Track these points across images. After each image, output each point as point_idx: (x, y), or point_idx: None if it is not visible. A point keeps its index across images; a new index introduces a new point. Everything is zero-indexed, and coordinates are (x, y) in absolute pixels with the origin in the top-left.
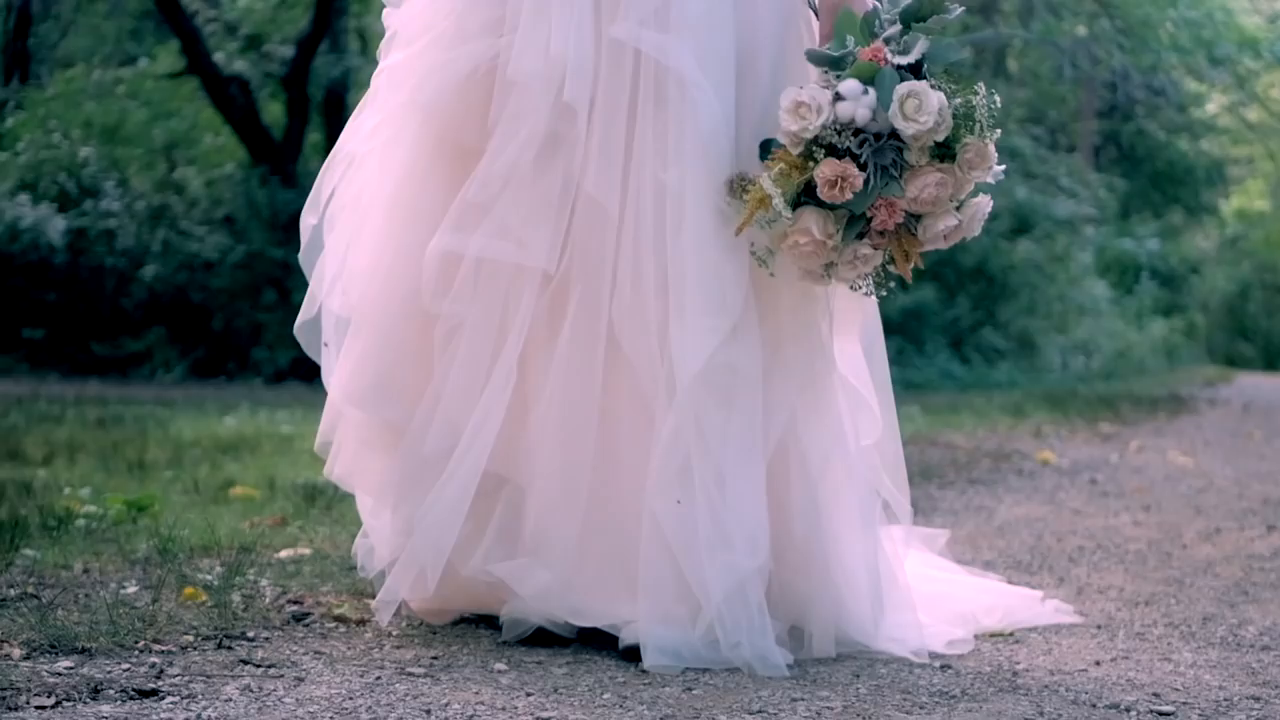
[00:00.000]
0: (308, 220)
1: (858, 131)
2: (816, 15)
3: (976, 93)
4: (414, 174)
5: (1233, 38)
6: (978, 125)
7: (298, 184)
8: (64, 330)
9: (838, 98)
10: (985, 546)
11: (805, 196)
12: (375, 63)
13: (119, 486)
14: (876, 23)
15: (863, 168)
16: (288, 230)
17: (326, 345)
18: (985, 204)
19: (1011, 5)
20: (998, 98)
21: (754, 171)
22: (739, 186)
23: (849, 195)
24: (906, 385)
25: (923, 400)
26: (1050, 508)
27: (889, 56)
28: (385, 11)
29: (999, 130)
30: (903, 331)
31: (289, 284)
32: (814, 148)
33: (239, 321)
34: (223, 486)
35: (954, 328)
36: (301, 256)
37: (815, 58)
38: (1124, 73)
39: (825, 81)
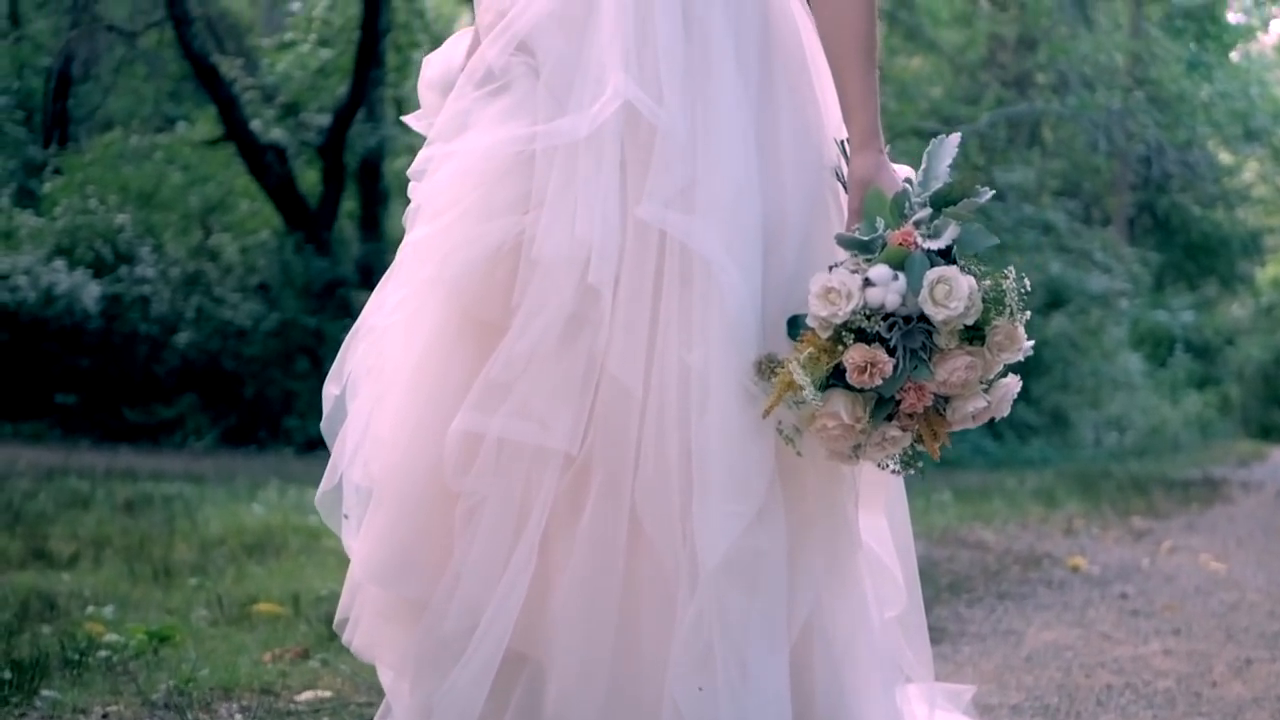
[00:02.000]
0: (330, 390)
1: (887, 316)
2: (845, 189)
3: (1006, 276)
4: (437, 348)
5: (1268, 109)
6: (1008, 309)
7: (332, 252)
8: (96, 396)
9: (867, 283)
10: (1013, 685)
11: (833, 378)
12: (410, 131)
13: (143, 598)
14: (906, 204)
15: (891, 352)
16: (321, 298)
17: (347, 517)
18: (1014, 385)
19: (1046, 78)
20: (1027, 280)
21: (781, 352)
22: (767, 368)
23: (878, 381)
24: (939, 463)
25: (954, 481)
26: (1079, 631)
27: (919, 240)
28: (411, 185)
29: (1029, 312)
30: None
31: (321, 352)
32: (843, 332)
33: (271, 390)
34: (246, 603)
35: None
36: (324, 426)
37: (845, 242)
38: (1158, 147)
39: (855, 265)
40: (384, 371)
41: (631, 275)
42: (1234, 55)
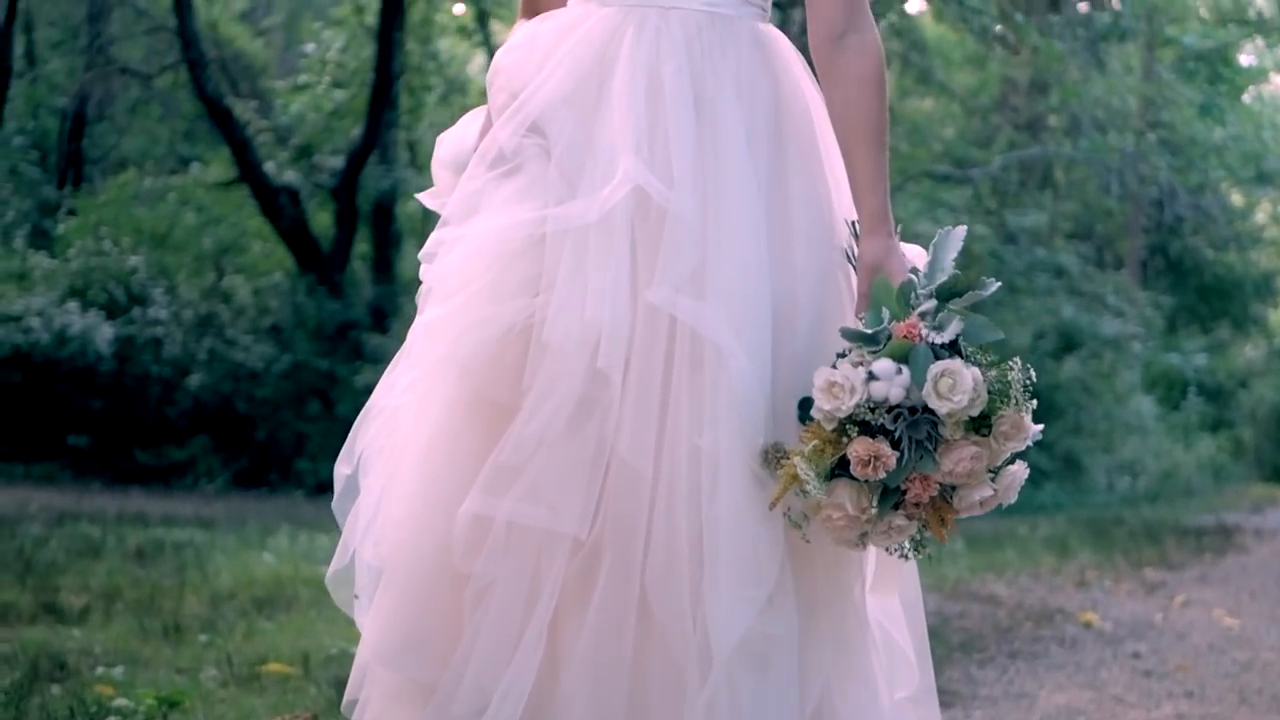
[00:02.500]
0: (341, 470)
1: (892, 408)
2: (855, 269)
3: (1012, 368)
4: (448, 429)
5: None
6: (1013, 400)
7: (344, 295)
8: (108, 438)
9: (871, 377)
10: None
11: (838, 469)
12: (423, 174)
13: (153, 656)
14: (913, 295)
15: (896, 444)
16: (333, 341)
17: (357, 598)
18: (1021, 472)
19: (1059, 121)
20: (1032, 371)
21: (791, 433)
22: (773, 458)
23: (882, 474)
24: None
25: (966, 527)
26: (1092, 694)
27: (924, 333)
28: (423, 267)
29: (1035, 401)
30: None
31: (333, 395)
32: (847, 425)
33: (282, 432)
34: (256, 662)
35: None
36: (335, 505)
37: (850, 335)
38: (1171, 190)
39: (859, 358)
40: (395, 451)
41: (642, 359)
42: (1246, 97)
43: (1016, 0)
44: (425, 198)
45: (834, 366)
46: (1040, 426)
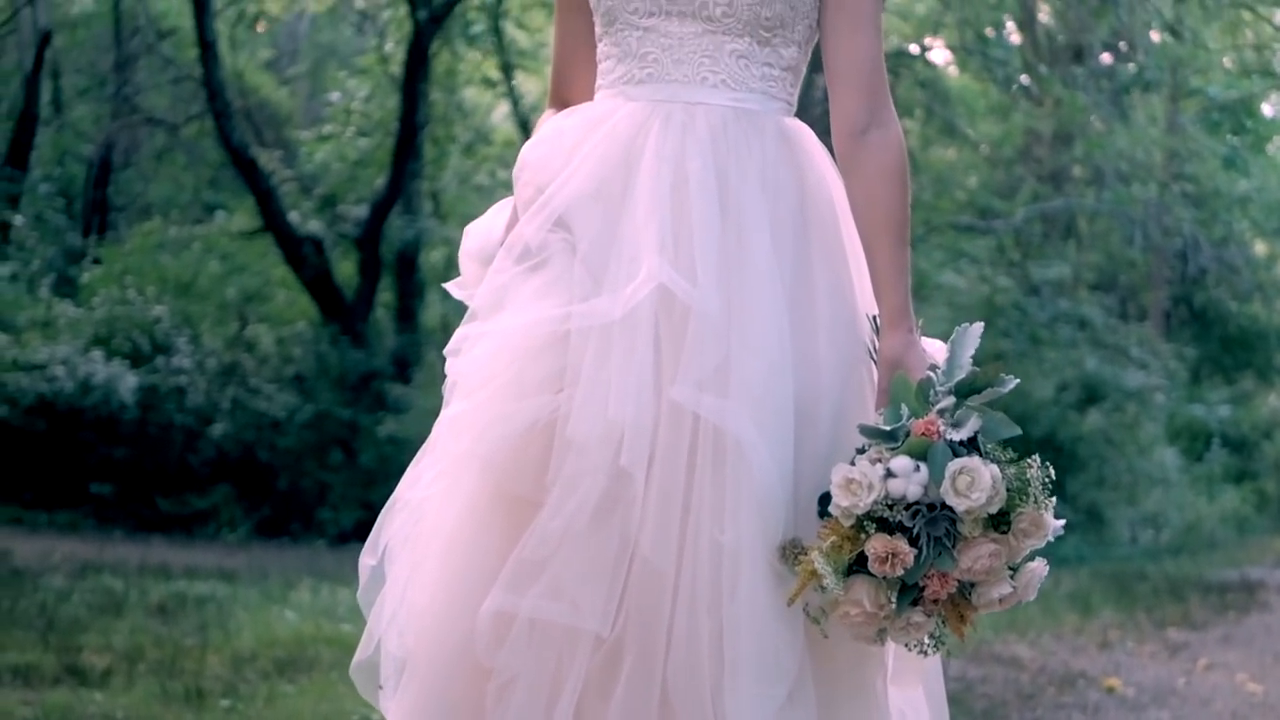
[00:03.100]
0: (366, 561)
1: (910, 505)
2: (876, 364)
3: (1031, 465)
4: (471, 523)
5: None
6: (1032, 498)
7: (367, 344)
8: (131, 486)
9: (889, 474)
10: None
11: (856, 565)
12: (447, 224)
13: None
14: (931, 392)
15: (914, 540)
16: (356, 390)
17: (381, 688)
18: (1041, 569)
19: (1083, 172)
20: (1051, 469)
21: (811, 532)
22: (791, 554)
23: (900, 571)
24: None
25: None
26: None
27: (942, 430)
28: (449, 362)
29: (1054, 498)
30: None
31: (355, 445)
32: (865, 521)
33: (305, 481)
34: None
35: None
36: (360, 595)
37: (868, 432)
38: (1194, 242)
39: (878, 454)
40: (420, 543)
41: (665, 455)
42: (1270, 149)
43: (1040, 52)
44: (453, 288)
45: (853, 463)
46: (1062, 522)
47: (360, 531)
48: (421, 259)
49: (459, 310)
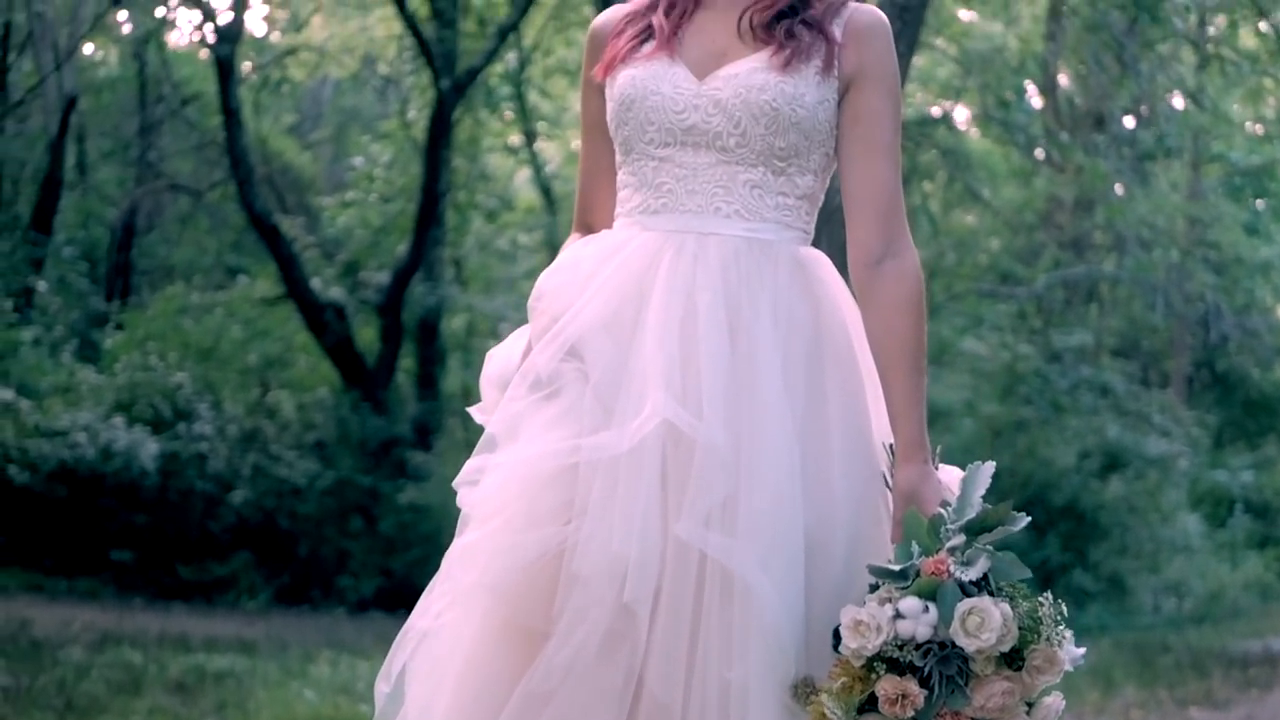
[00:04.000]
0: (380, 688)
1: (920, 645)
2: (892, 493)
3: (1042, 603)
4: (480, 654)
5: None
6: (1045, 636)
7: (388, 411)
8: (152, 553)
9: (898, 615)
10: None
11: (868, 705)
12: (468, 291)
13: None
14: (943, 529)
15: (926, 680)
16: (376, 457)
17: None
18: (1057, 704)
19: (1104, 239)
20: (1064, 606)
21: (825, 665)
22: (803, 693)
23: (910, 712)
24: None
25: None
26: None
27: (952, 570)
28: (461, 492)
29: (1069, 632)
30: None
31: (375, 512)
32: (875, 662)
33: (325, 549)
34: None
35: (1043, 569)
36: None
37: (877, 572)
38: (1216, 309)
39: (888, 594)
40: (432, 673)
41: (672, 590)
42: None
43: (1062, 118)
44: (475, 412)
45: (864, 601)
46: (1082, 651)
47: (380, 599)
48: (443, 325)
49: (480, 377)
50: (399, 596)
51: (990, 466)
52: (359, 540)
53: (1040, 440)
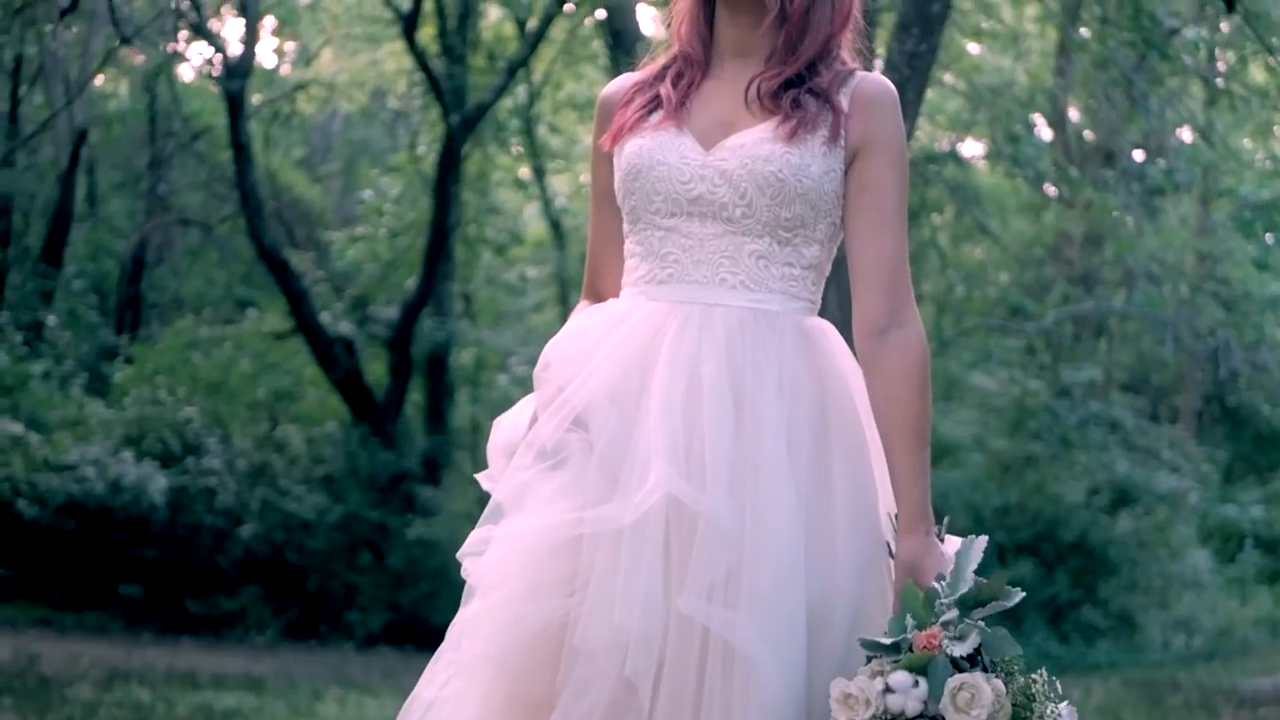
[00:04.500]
0: None
1: (910, 719)
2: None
3: (1036, 680)
4: None
5: None
6: (1038, 714)
7: (397, 445)
8: (160, 587)
9: (888, 689)
10: None
11: None
12: (478, 326)
13: None
14: (937, 603)
15: None
16: (385, 492)
17: None
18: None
19: (1112, 274)
20: (1058, 683)
21: None
22: None
23: None
24: None
25: None
26: None
27: (944, 644)
28: (466, 563)
29: (1064, 708)
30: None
31: (384, 546)
32: None
33: (333, 583)
34: None
35: (1052, 605)
36: None
37: (869, 645)
38: (1225, 345)
39: (879, 667)
40: None
41: (674, 664)
42: None
43: (1071, 154)
44: (483, 480)
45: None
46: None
47: (388, 634)
48: (452, 360)
49: (490, 411)
50: (407, 632)
51: (983, 541)
52: (367, 575)
53: (1049, 476)
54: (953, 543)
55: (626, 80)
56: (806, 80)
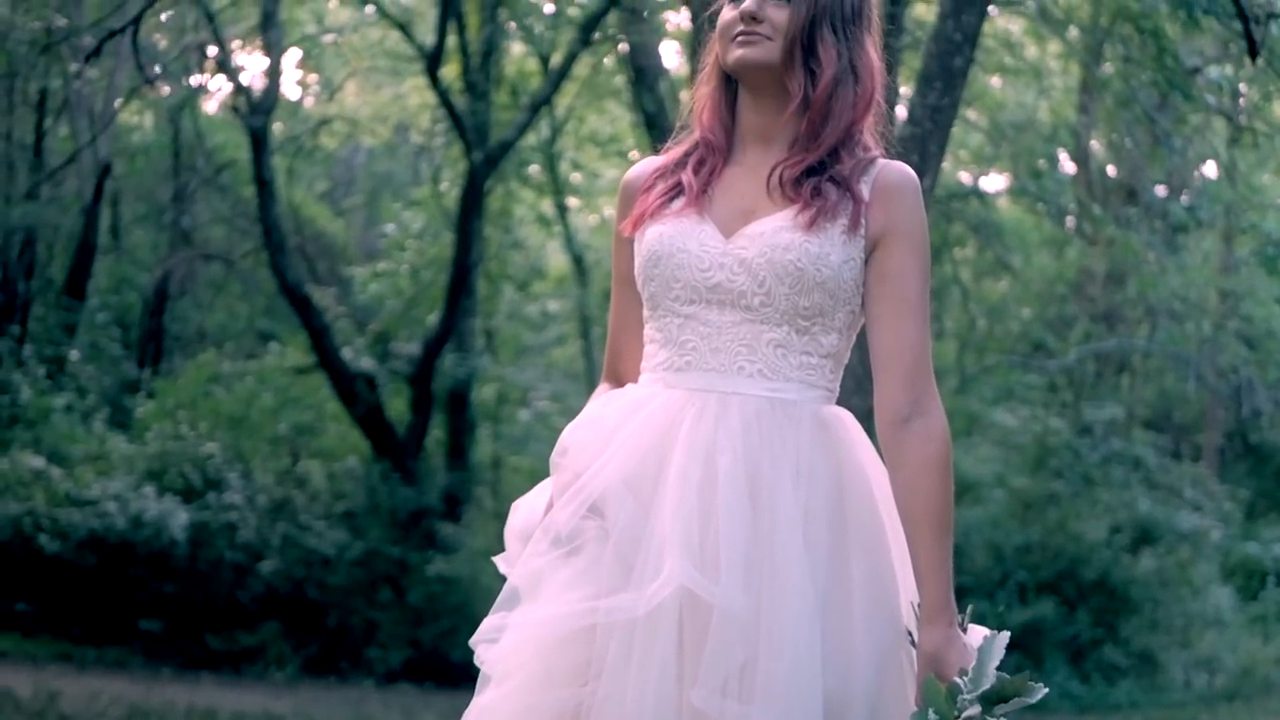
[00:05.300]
0: None
1: None
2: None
3: None
4: None
5: None
6: None
7: (418, 481)
8: (180, 623)
9: None
10: None
11: None
12: (499, 362)
13: None
14: (959, 698)
15: None
16: (406, 528)
17: None
18: None
19: (1135, 312)
20: None
21: None
22: None
23: None
24: (1024, 708)
25: None
26: None
27: None
28: (479, 650)
29: None
30: (1021, 647)
31: (404, 583)
32: None
33: (353, 619)
34: None
35: (1074, 644)
36: None
37: None
38: (1249, 383)
39: None
40: None
41: None
42: None
43: (1094, 191)
44: (500, 563)
45: None
46: None
47: (408, 671)
48: (473, 396)
49: (510, 448)
50: (427, 668)
51: (1005, 637)
52: (388, 611)
53: (1071, 514)
54: (975, 632)
55: (649, 165)
56: (829, 167)
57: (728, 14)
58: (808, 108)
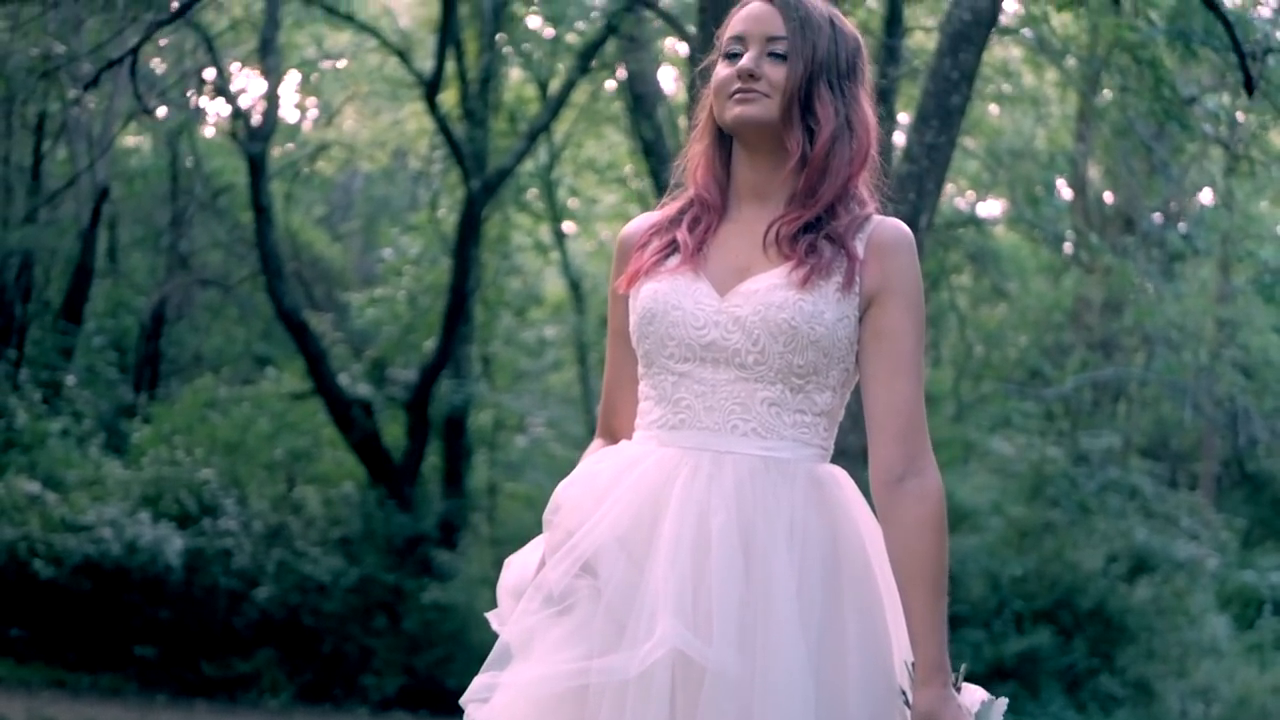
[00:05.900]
0: None
1: None
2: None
3: None
4: None
5: None
6: None
7: (414, 508)
8: (175, 649)
9: None
10: None
11: None
12: (495, 388)
13: None
14: None
15: None
16: (401, 555)
17: None
18: None
19: (1131, 340)
20: None
21: None
22: None
23: None
24: None
25: None
26: None
27: None
28: (470, 709)
29: None
30: (1017, 676)
31: (399, 609)
32: None
33: (349, 646)
34: None
35: (1070, 673)
36: None
37: None
38: (1245, 412)
39: None
40: None
41: None
42: None
43: (1091, 219)
44: (492, 619)
45: None
46: None
47: (403, 698)
48: (470, 422)
49: (507, 474)
50: (422, 696)
51: (1003, 703)
52: (383, 638)
53: (1068, 543)
54: (969, 691)
55: (644, 222)
56: (825, 223)
57: (724, 71)
58: (806, 164)
